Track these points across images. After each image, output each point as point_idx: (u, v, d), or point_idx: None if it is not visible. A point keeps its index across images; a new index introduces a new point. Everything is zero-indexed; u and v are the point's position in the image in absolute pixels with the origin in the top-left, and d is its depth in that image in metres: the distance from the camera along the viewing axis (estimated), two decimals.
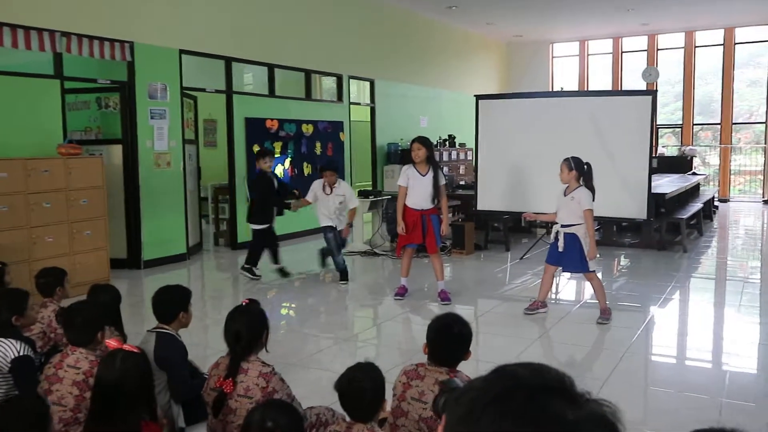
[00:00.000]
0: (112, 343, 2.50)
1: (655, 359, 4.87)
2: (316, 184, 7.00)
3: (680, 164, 13.23)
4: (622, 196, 8.08)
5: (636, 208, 8.11)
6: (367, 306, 6.47)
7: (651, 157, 7.92)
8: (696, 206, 10.50)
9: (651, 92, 8.20)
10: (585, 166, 5.45)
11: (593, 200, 5.42)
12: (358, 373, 2.33)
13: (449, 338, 2.61)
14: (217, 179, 10.25)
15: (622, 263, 8.54)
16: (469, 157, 13.86)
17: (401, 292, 6.38)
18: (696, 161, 14.66)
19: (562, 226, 5.48)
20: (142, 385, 2.37)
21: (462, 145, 13.91)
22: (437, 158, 10.51)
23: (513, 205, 8.71)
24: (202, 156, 10.47)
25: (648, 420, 3.66)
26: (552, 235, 5.64)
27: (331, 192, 6.90)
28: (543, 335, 5.40)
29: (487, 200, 8.87)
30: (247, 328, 2.80)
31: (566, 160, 5.40)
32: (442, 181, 5.90)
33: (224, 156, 9.67)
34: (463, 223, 8.82)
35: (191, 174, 9.06)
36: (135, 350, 2.45)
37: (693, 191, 11.77)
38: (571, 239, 5.45)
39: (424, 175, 5.88)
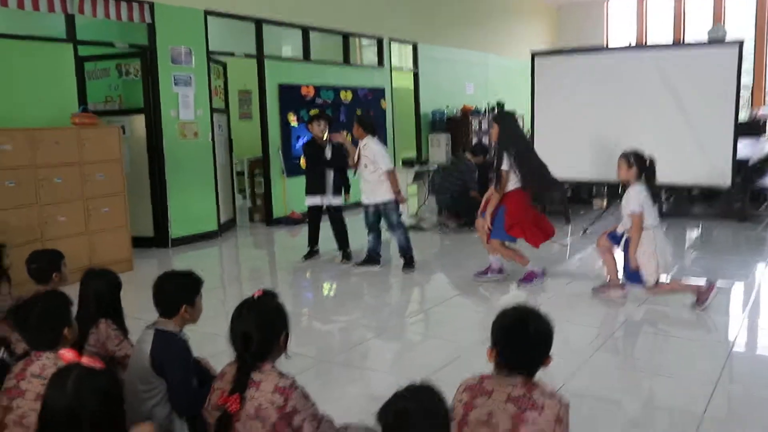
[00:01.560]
0: (66, 354, 1.86)
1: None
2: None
3: (751, 129, 12.25)
4: (700, 161, 7.65)
5: (716, 175, 7.60)
6: (416, 288, 6.12)
7: (737, 118, 7.33)
8: None
9: (737, 42, 7.32)
10: (648, 162, 4.87)
11: (651, 202, 4.82)
12: (411, 403, 1.76)
13: (523, 339, 2.15)
14: (252, 152, 10.16)
15: (697, 236, 8.15)
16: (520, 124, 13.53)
17: (485, 272, 5.93)
18: None
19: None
20: (105, 413, 1.77)
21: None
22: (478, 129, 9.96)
23: (574, 172, 8.37)
24: (238, 129, 10.48)
25: None
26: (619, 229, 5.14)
27: (358, 150, 6.30)
28: (625, 321, 4.82)
29: (552, 168, 8.40)
30: (259, 329, 2.31)
31: (624, 155, 4.90)
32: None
33: (258, 128, 9.49)
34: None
35: (221, 146, 8.83)
36: (96, 365, 1.81)
37: None
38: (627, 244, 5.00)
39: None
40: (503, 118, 5.63)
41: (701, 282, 5.09)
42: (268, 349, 2.33)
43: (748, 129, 12.29)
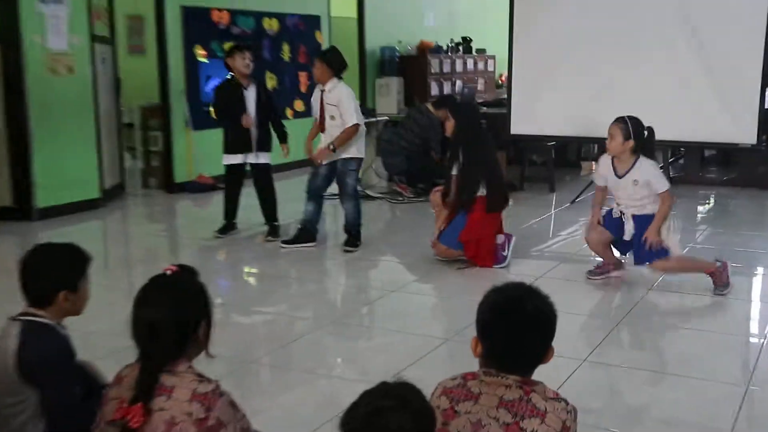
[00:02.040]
0: None
1: None
2: (313, 95, 6.59)
3: None
4: (720, 114, 7.83)
5: (738, 131, 7.82)
6: (363, 271, 6.23)
7: (767, 61, 7.55)
8: None
9: None
10: (646, 132, 5.18)
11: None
12: (386, 401, 1.78)
13: (519, 325, 2.17)
14: (146, 98, 10.07)
15: (713, 205, 8.47)
16: (490, 68, 14.03)
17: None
18: None
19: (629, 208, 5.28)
20: None
21: (481, 51, 13.82)
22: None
23: (558, 128, 8.56)
24: (127, 66, 10.44)
25: None
26: (616, 213, 5.34)
27: (321, 98, 6.35)
28: (631, 311, 4.94)
29: (525, 123, 8.76)
30: (172, 316, 2.29)
31: (622, 121, 5.12)
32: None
33: (154, 65, 9.41)
34: None
35: (106, 87, 8.74)
36: None
37: None
38: (641, 223, 5.19)
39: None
40: (460, 108, 5.93)
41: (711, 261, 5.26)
42: (184, 343, 2.30)
43: None
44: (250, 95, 6.60)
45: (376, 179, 9.29)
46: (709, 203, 8.60)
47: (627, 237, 5.21)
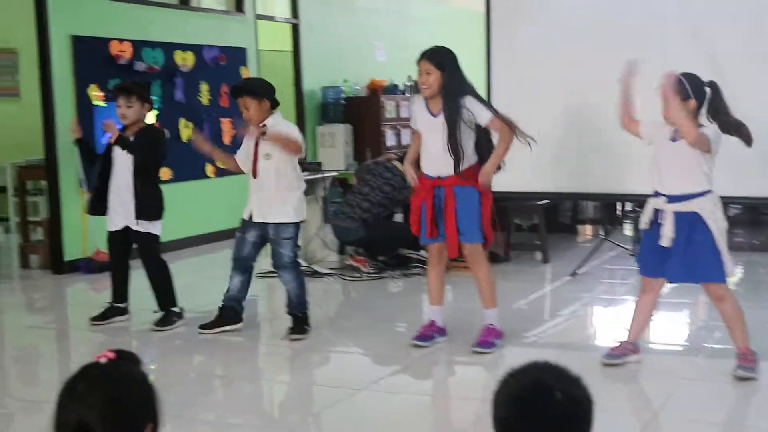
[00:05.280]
0: None
1: None
2: (245, 141, 6.71)
3: None
4: (748, 163, 7.55)
5: None
6: (314, 366, 6.28)
7: None
8: None
9: None
10: (708, 89, 5.26)
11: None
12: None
13: (548, 416, 2.19)
14: (22, 154, 10.16)
15: (740, 275, 8.43)
16: None
17: (427, 333, 6.19)
18: None
19: (670, 199, 5.26)
20: None
21: None
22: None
23: (554, 182, 8.56)
24: None
25: None
26: (645, 218, 5.44)
27: (256, 140, 6.43)
28: (660, 410, 4.98)
29: (507, 177, 8.35)
30: (108, 417, 2.22)
31: (676, 79, 5.17)
32: (484, 117, 5.87)
33: (34, 112, 9.45)
34: None
35: None
36: None
37: None
38: (691, 223, 5.22)
39: (435, 116, 5.92)
40: (447, 60, 5.96)
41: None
42: None
43: None
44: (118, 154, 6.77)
45: (324, 251, 9.31)
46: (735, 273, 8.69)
47: (665, 243, 5.23)
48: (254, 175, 6.43)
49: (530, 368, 2.29)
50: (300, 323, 6.50)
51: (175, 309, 6.88)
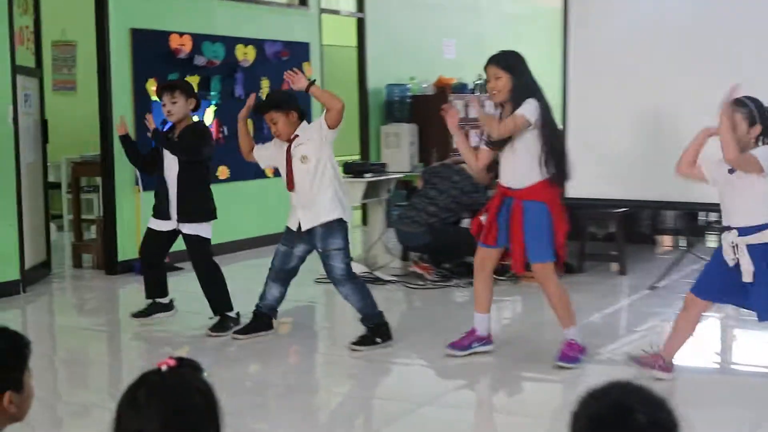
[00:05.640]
0: None
1: None
2: (272, 144, 6.76)
3: None
4: None
5: None
6: (377, 378, 6.26)
7: None
8: None
9: None
10: None
11: None
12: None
13: None
14: (77, 150, 10.21)
15: None
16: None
17: (463, 342, 6.13)
18: None
19: (741, 232, 5.26)
20: None
21: None
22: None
23: (634, 190, 8.46)
24: (53, 107, 10.46)
25: None
26: (727, 252, 5.37)
27: (288, 149, 6.48)
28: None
29: (583, 183, 8.47)
30: (168, 424, 2.29)
31: (741, 104, 5.28)
32: (520, 111, 5.81)
33: (91, 106, 9.48)
34: None
35: (30, 133, 8.86)
36: None
37: None
38: (764, 254, 5.20)
39: None
40: (517, 63, 5.99)
41: None
42: None
43: None
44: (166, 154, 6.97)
45: (386, 257, 9.29)
46: None
47: (747, 278, 5.19)
48: (290, 187, 6.47)
49: (611, 388, 2.29)
50: (370, 335, 6.46)
51: (230, 314, 6.93)
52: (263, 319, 6.71)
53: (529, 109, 5.68)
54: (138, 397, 2.31)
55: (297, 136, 6.42)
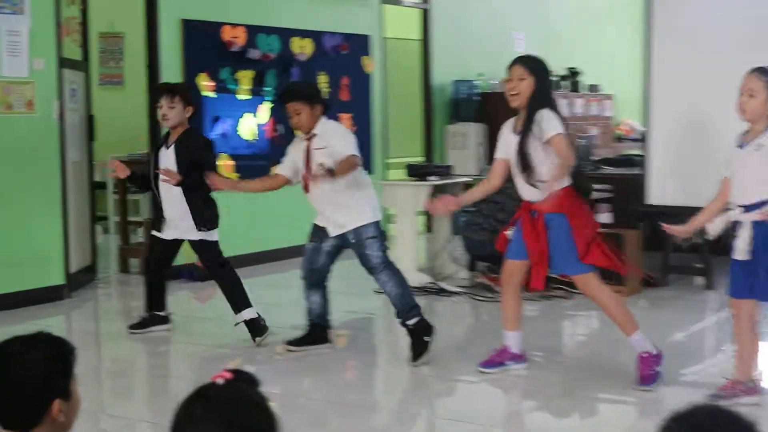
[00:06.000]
0: None
1: None
2: (293, 145, 6.85)
3: None
4: None
5: None
6: (438, 398, 6.27)
7: None
8: None
9: None
10: None
11: None
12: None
13: None
14: (124, 148, 10.47)
15: None
16: (606, 112, 14.25)
17: (495, 359, 6.21)
18: None
19: (746, 208, 5.32)
20: None
21: (593, 88, 14.13)
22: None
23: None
24: (99, 103, 10.67)
25: None
26: (714, 227, 5.63)
27: (307, 148, 6.57)
28: None
29: (668, 189, 8.59)
30: None
31: (764, 73, 5.39)
32: (549, 131, 5.89)
33: (139, 101, 9.66)
34: (616, 233, 8.49)
35: (76, 129, 8.92)
36: None
37: None
38: None
39: (517, 135, 6.05)
40: (543, 69, 6.08)
41: None
42: None
43: None
44: (166, 154, 7.00)
45: (452, 267, 9.21)
46: None
47: (738, 255, 5.30)
48: (307, 189, 6.54)
49: (696, 412, 2.27)
50: (417, 339, 6.41)
51: (251, 315, 6.94)
52: (317, 331, 6.71)
53: (555, 125, 5.77)
54: (194, 412, 2.33)
55: (315, 135, 6.46)
